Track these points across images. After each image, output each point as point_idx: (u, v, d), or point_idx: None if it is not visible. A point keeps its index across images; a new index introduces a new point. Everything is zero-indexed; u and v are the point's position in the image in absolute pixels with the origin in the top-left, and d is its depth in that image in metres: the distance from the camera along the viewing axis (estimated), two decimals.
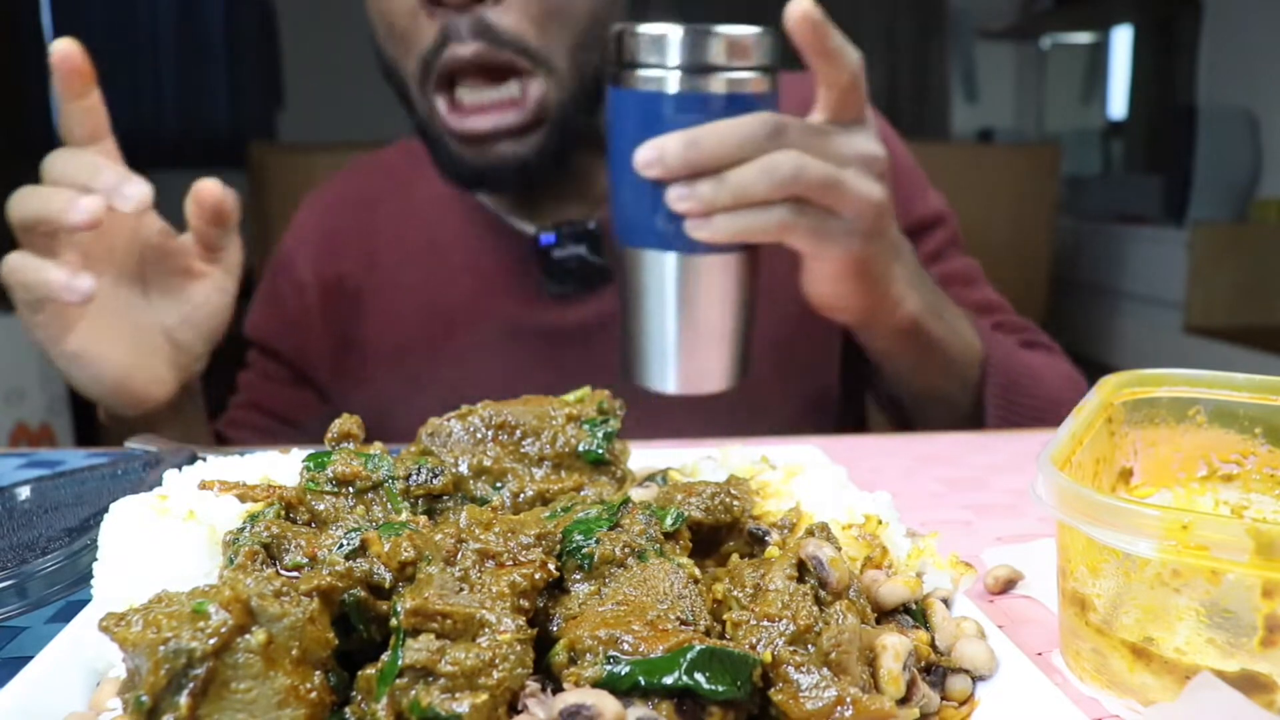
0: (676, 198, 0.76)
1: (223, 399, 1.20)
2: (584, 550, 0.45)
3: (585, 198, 1.08)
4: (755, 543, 0.52)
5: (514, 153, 0.95)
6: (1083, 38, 5.08)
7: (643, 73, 0.77)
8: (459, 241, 1.12)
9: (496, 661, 0.38)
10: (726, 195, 0.75)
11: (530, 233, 1.07)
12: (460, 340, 1.10)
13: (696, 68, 0.76)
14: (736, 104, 0.77)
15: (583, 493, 0.54)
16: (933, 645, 0.47)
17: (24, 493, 0.66)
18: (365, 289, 1.14)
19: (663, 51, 0.76)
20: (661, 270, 0.81)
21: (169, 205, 0.89)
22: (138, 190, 0.79)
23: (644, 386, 0.85)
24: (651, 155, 0.76)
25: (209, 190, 0.87)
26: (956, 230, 1.16)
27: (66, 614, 0.56)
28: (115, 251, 0.88)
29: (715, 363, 0.83)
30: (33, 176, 0.82)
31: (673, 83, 0.76)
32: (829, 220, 0.79)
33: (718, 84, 0.76)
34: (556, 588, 0.45)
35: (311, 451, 0.54)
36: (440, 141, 0.98)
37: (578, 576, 0.45)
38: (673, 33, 0.76)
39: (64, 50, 0.80)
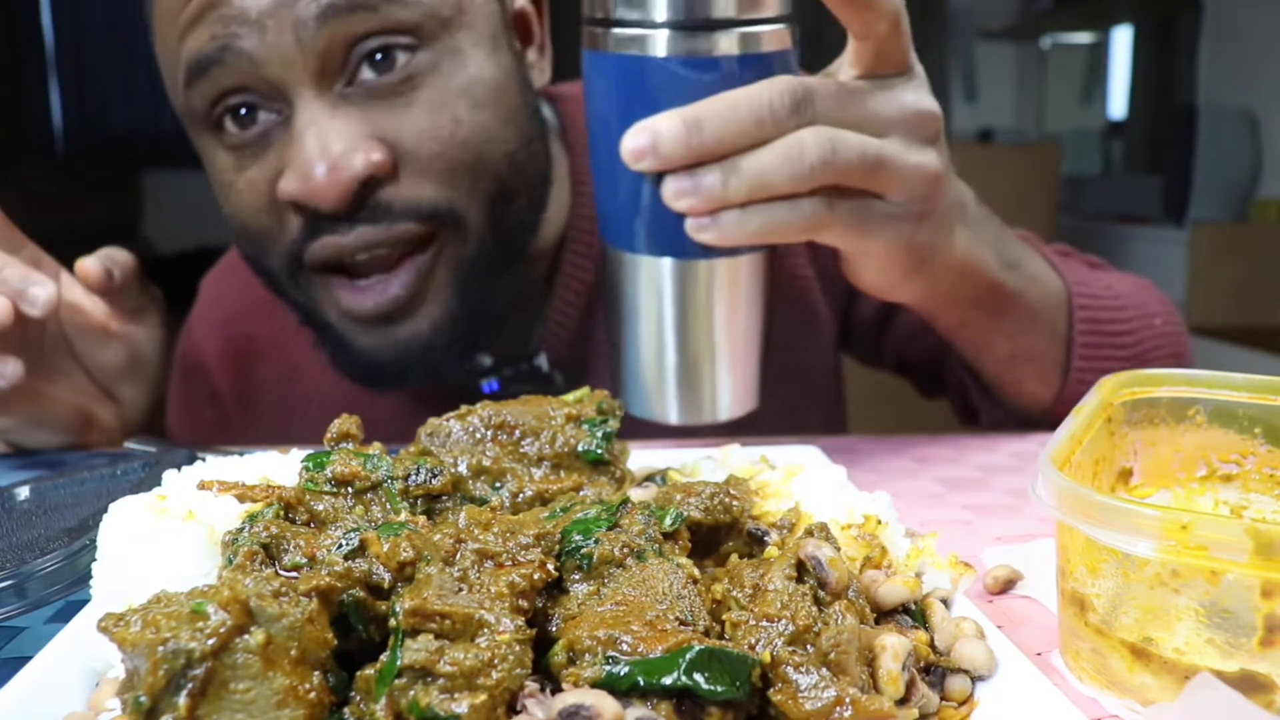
0: (675, 193, 0.60)
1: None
2: (583, 550, 0.45)
3: (518, 318, 0.93)
4: (754, 543, 0.52)
5: (420, 332, 0.80)
6: (1083, 38, 5.08)
7: (623, 31, 0.60)
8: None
9: (495, 662, 0.38)
10: (740, 188, 0.59)
11: (466, 368, 0.91)
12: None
13: (692, 22, 0.59)
14: (745, 67, 0.60)
15: (582, 493, 0.54)
16: (932, 645, 0.47)
17: (24, 493, 0.66)
18: (290, 400, 1.02)
19: (648, 3, 0.59)
20: (656, 279, 0.65)
21: (168, 206, 0.89)
22: (44, 293, 0.76)
23: (642, 417, 0.70)
24: (642, 142, 0.59)
25: (86, 274, 0.85)
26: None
27: (66, 614, 0.56)
28: (30, 331, 0.82)
29: (724, 388, 0.68)
30: (33, 176, 0.82)
31: (661, 43, 0.59)
32: (872, 207, 0.64)
33: (721, 43, 0.59)
34: (555, 588, 0.45)
35: (311, 452, 0.54)
36: (332, 333, 0.84)
37: (577, 577, 0.45)
38: None
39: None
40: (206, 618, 0.37)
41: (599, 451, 0.56)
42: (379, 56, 0.76)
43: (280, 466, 0.55)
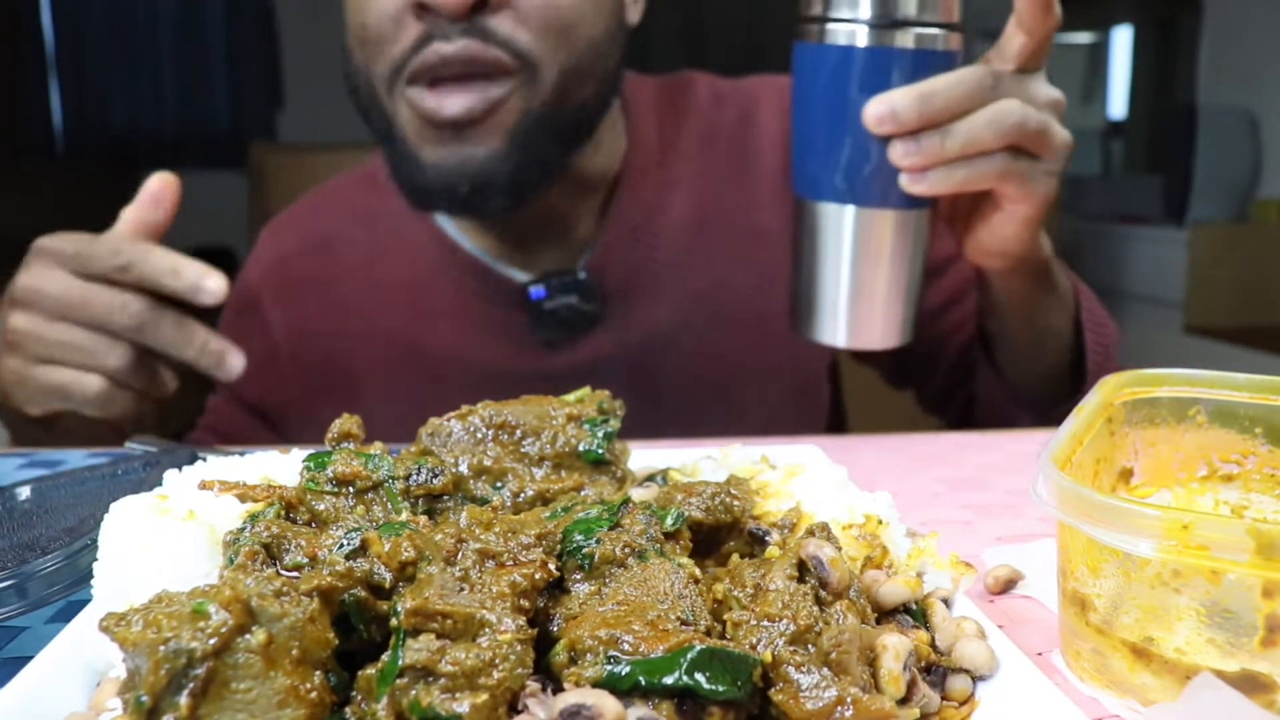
0: (903, 153, 0.77)
1: (191, 416, 1.18)
2: (584, 550, 0.45)
3: (568, 242, 1.06)
4: (755, 543, 0.52)
5: (475, 156, 0.92)
6: (1083, 38, 5.08)
7: (833, 27, 0.78)
8: (438, 285, 1.08)
9: (496, 661, 0.38)
10: (955, 147, 0.76)
11: (515, 279, 1.05)
12: (445, 386, 1.06)
13: (888, 22, 0.77)
14: (929, 61, 0.77)
15: (583, 493, 0.54)
16: (933, 645, 0.47)
17: (24, 493, 0.66)
18: (338, 335, 1.10)
19: (855, 5, 0.77)
20: (841, 224, 0.81)
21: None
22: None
23: (813, 339, 0.86)
24: (883, 110, 0.76)
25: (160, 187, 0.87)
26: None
27: (66, 614, 0.56)
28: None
29: (887, 319, 0.84)
30: (33, 175, 0.82)
31: (863, 37, 0.77)
32: (1035, 165, 0.80)
33: (913, 39, 0.77)
34: (557, 588, 0.45)
35: (311, 451, 0.54)
36: (403, 148, 0.95)
37: (578, 576, 0.45)
38: None
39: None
40: (208, 617, 0.37)
41: (600, 451, 0.56)
42: None
43: (281, 466, 0.55)
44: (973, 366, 1.12)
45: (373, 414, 1.04)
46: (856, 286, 0.83)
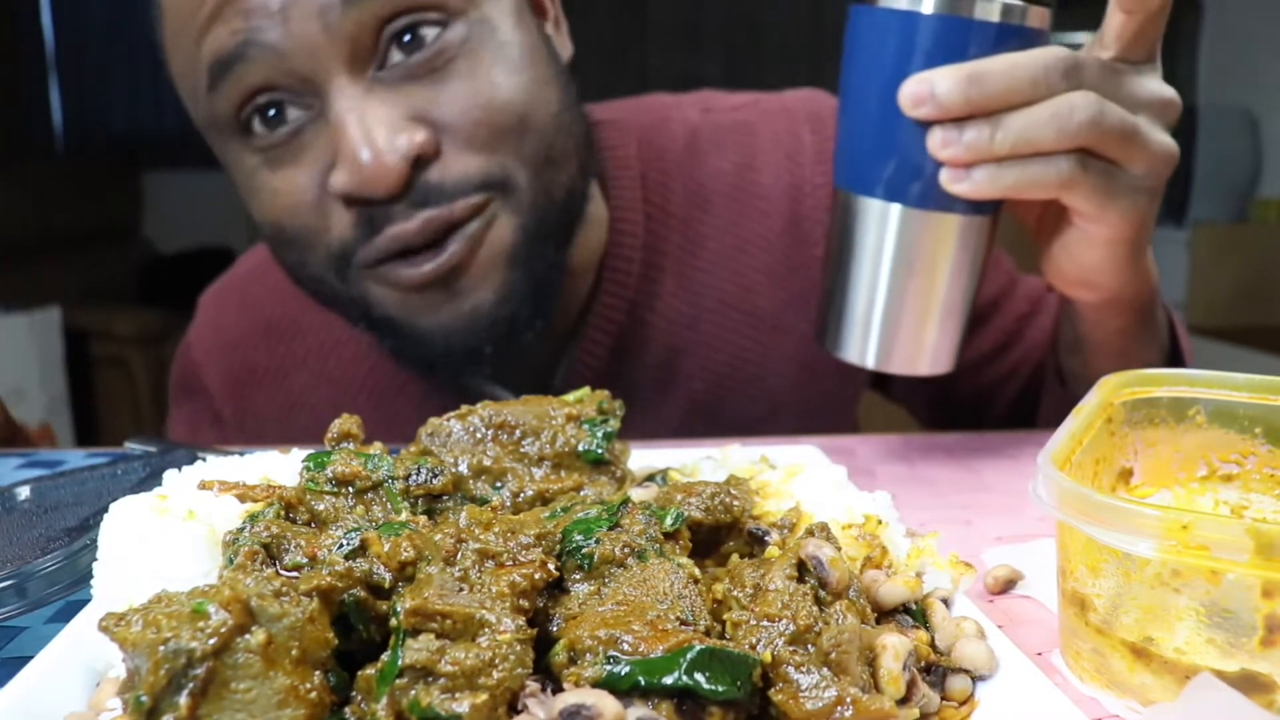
0: (942, 142, 0.64)
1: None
2: (584, 550, 0.45)
3: (542, 351, 0.94)
4: (755, 543, 0.52)
5: (484, 303, 0.79)
6: (1083, 38, 5.07)
7: None
8: (402, 390, 0.96)
9: (496, 661, 0.38)
10: (1004, 142, 0.63)
11: (495, 395, 0.90)
12: None
13: None
14: (1009, 36, 0.65)
15: (582, 493, 0.54)
16: (933, 645, 0.47)
17: (24, 493, 0.66)
18: (292, 429, 1.00)
19: None
20: (884, 225, 0.69)
21: (168, 206, 0.88)
22: None
23: (837, 356, 0.75)
24: (922, 90, 0.64)
25: None
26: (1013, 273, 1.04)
27: (66, 614, 0.56)
28: None
29: (927, 342, 0.72)
30: (33, 176, 0.81)
31: (931, 3, 0.65)
32: (1117, 175, 0.67)
33: (989, 8, 0.64)
34: (556, 588, 0.45)
35: (311, 451, 0.54)
36: (394, 327, 0.82)
37: (578, 576, 0.45)
38: None
39: None
40: (207, 617, 0.37)
41: (599, 451, 0.56)
42: (407, 37, 0.75)
43: (281, 466, 0.55)
44: (1030, 413, 1.00)
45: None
46: (894, 300, 0.71)
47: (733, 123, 1.00)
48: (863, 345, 0.73)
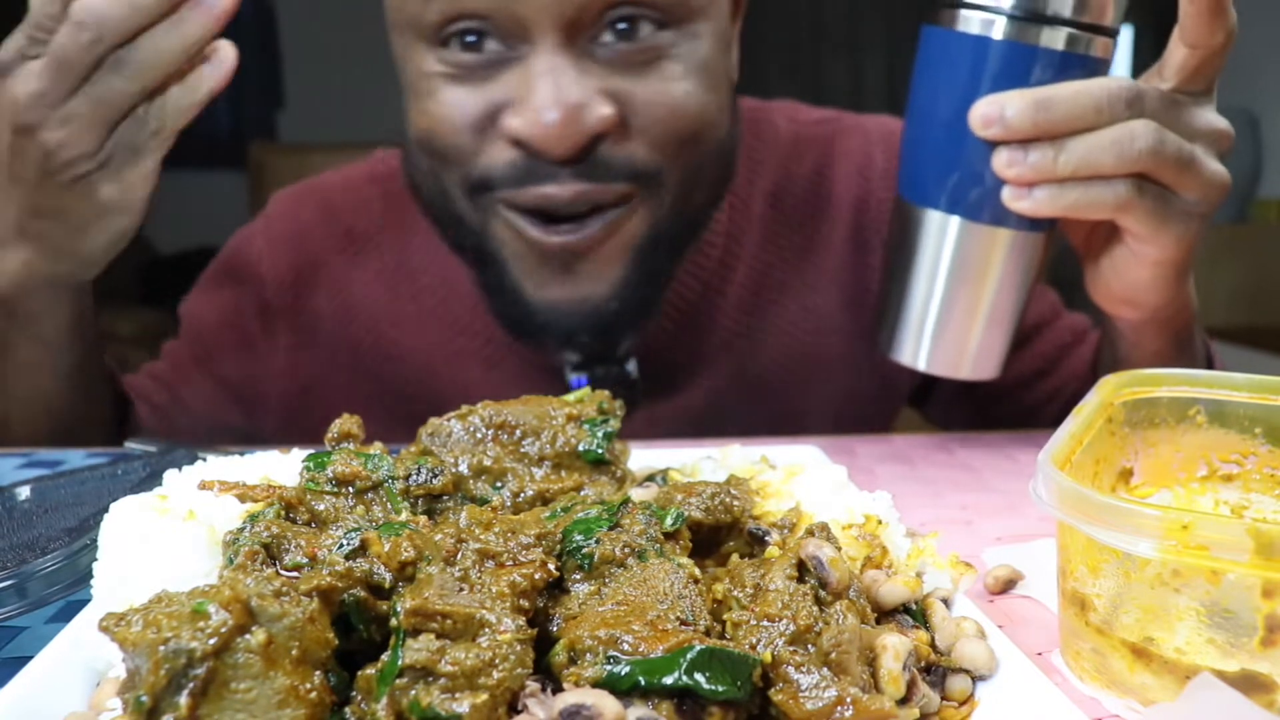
0: (1008, 162, 0.68)
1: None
2: (584, 550, 0.45)
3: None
4: (755, 543, 0.52)
5: (595, 294, 0.83)
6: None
7: (968, 14, 0.70)
8: (471, 326, 0.98)
9: (496, 661, 0.38)
10: (1068, 165, 0.67)
11: (554, 359, 0.94)
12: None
13: (1033, 16, 0.68)
14: (1074, 65, 0.69)
15: (583, 493, 0.54)
16: (933, 645, 0.47)
17: (24, 493, 0.66)
18: (342, 339, 1.01)
19: None
20: (943, 237, 0.74)
21: (169, 205, 0.88)
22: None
23: (892, 357, 0.79)
24: (992, 112, 0.68)
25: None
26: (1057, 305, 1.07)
27: (66, 614, 0.56)
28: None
29: (976, 348, 0.76)
30: None
31: (1000, 28, 0.69)
32: (1171, 201, 0.70)
33: (1058, 39, 0.68)
34: (556, 588, 0.45)
35: (311, 451, 0.54)
36: (503, 279, 0.84)
37: (578, 576, 0.45)
38: None
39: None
40: (208, 617, 0.37)
41: (600, 451, 0.56)
42: (625, 25, 0.79)
43: (281, 466, 0.55)
44: None
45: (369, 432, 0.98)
46: (948, 308, 0.75)
47: (814, 134, 1.05)
48: (915, 347, 0.78)
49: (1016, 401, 1.04)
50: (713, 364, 1.01)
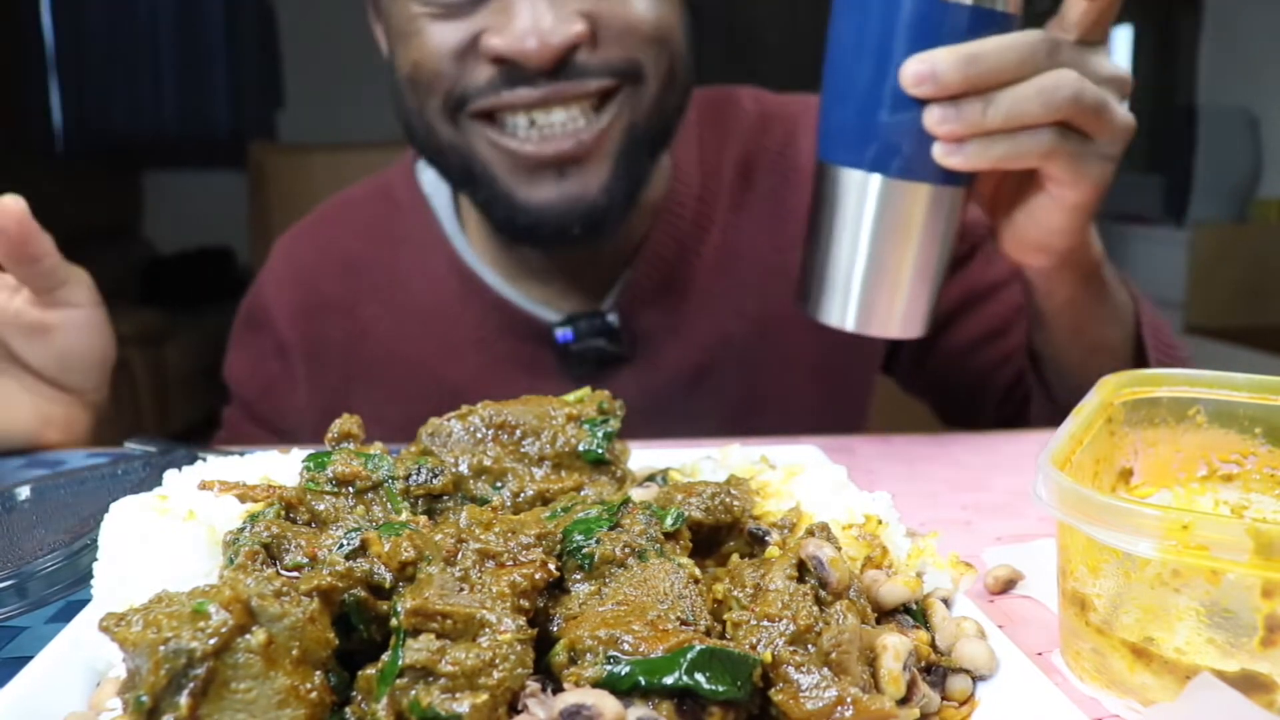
0: (940, 119, 0.69)
1: (207, 432, 1.17)
2: (584, 550, 0.45)
3: (595, 276, 1.03)
4: (755, 543, 0.52)
5: (588, 192, 0.89)
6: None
7: None
8: (460, 316, 1.05)
9: (496, 661, 0.38)
10: (997, 117, 0.69)
11: (540, 318, 1.02)
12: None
13: None
14: (984, 21, 0.70)
15: (583, 493, 0.54)
16: (933, 645, 0.47)
17: (24, 493, 0.66)
18: (356, 359, 1.08)
19: None
20: (864, 195, 0.74)
21: (168, 206, 0.89)
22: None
23: (818, 319, 0.79)
24: (924, 70, 0.68)
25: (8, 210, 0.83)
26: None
27: (66, 614, 0.56)
28: None
29: (904, 306, 0.77)
30: (33, 176, 0.82)
31: None
32: (1087, 145, 0.73)
33: None
34: (556, 588, 0.45)
35: (311, 452, 0.54)
36: (495, 190, 0.90)
37: (578, 576, 0.45)
38: None
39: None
40: (208, 617, 0.37)
41: (600, 451, 0.56)
42: None
43: (281, 466, 0.55)
44: (1025, 400, 1.06)
45: (390, 437, 1.03)
46: (874, 265, 0.75)
47: (780, 112, 1.11)
48: (842, 308, 0.77)
49: (976, 360, 1.08)
50: (694, 325, 1.05)
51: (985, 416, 1.10)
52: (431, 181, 1.09)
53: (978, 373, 1.08)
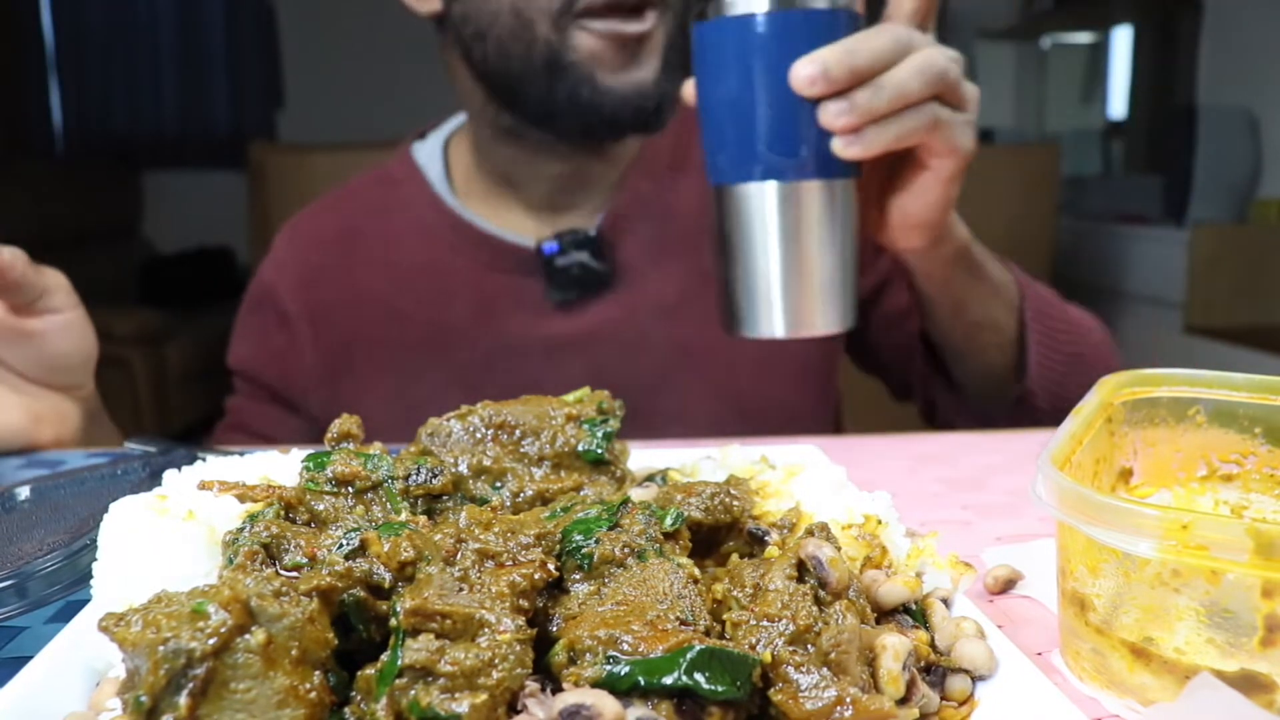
0: (837, 113, 0.73)
1: (207, 432, 1.22)
2: (584, 550, 0.45)
3: (580, 212, 1.12)
4: (755, 543, 0.52)
5: (646, 79, 0.99)
6: (1083, 38, 5.08)
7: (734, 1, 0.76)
8: (452, 263, 1.12)
9: (496, 661, 0.38)
10: (885, 100, 0.73)
11: (526, 245, 1.10)
12: (461, 358, 1.11)
13: None
14: (837, 21, 0.75)
15: (582, 493, 0.54)
16: (932, 645, 0.47)
17: (24, 493, 0.66)
18: (356, 319, 1.14)
19: None
20: (764, 203, 0.76)
21: (168, 206, 0.89)
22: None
23: (749, 335, 0.80)
24: (814, 70, 0.72)
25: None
26: None
27: (66, 614, 0.56)
28: None
29: (827, 301, 0.79)
30: (33, 176, 0.82)
31: (765, 5, 0.74)
32: (957, 115, 0.79)
33: (818, 1, 0.74)
34: (556, 588, 0.45)
35: (311, 451, 0.54)
36: (577, 77, 0.98)
37: (577, 576, 0.45)
38: None
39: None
40: (207, 617, 0.37)
41: (599, 451, 0.56)
42: None
43: (280, 466, 0.55)
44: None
45: (392, 389, 1.12)
46: (789, 270, 0.77)
47: None
48: (769, 319, 0.79)
49: (899, 335, 1.15)
50: (676, 257, 1.11)
51: (914, 377, 1.18)
52: (425, 153, 1.18)
53: (896, 351, 1.16)
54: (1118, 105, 4.87)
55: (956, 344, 1.03)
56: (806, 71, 0.72)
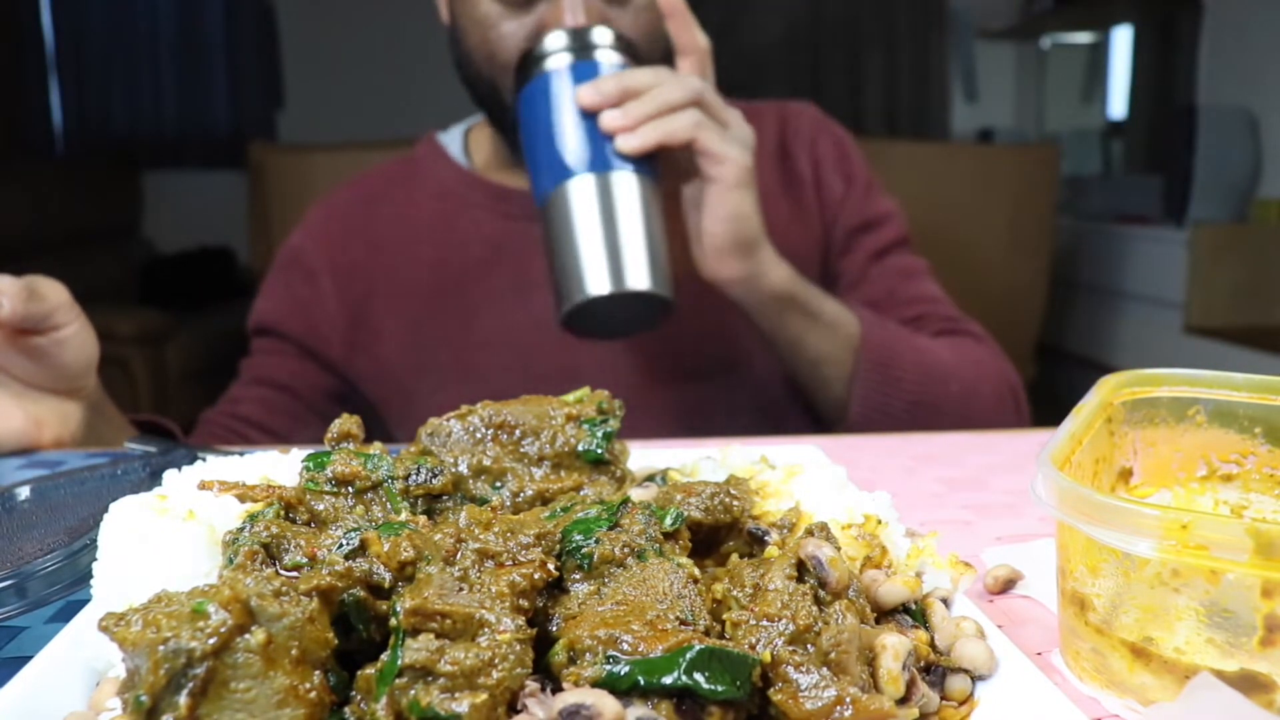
0: (612, 119, 0.95)
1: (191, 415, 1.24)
2: (583, 550, 0.45)
3: None
4: (755, 543, 0.52)
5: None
6: (1083, 38, 5.08)
7: (544, 64, 1.01)
8: (465, 213, 1.23)
9: (496, 661, 0.38)
10: (651, 105, 0.94)
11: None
12: (472, 297, 1.19)
13: (584, 47, 1.00)
14: (616, 68, 1.00)
15: (582, 493, 0.54)
16: (932, 645, 0.47)
17: (24, 493, 0.66)
18: (376, 270, 1.24)
19: (555, 42, 1.01)
20: (583, 191, 0.95)
21: (168, 206, 0.89)
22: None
23: (585, 298, 0.93)
24: (592, 93, 0.96)
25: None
26: (904, 230, 1.29)
27: (66, 614, 0.56)
28: None
29: (642, 263, 0.94)
30: (33, 176, 0.81)
31: (567, 60, 1.00)
32: (725, 128, 0.97)
33: (601, 55, 1.00)
34: (556, 588, 0.45)
35: (311, 451, 0.54)
36: None
37: (577, 576, 0.45)
38: (556, 37, 1.01)
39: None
40: (207, 617, 0.37)
41: (599, 451, 0.56)
42: None
43: (281, 466, 0.55)
44: None
45: (407, 332, 1.21)
46: (609, 238, 0.94)
47: (762, 111, 1.30)
48: (598, 279, 0.94)
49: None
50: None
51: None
52: (447, 138, 1.30)
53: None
54: (1118, 105, 4.87)
55: (801, 376, 1.13)
56: (587, 96, 0.96)
